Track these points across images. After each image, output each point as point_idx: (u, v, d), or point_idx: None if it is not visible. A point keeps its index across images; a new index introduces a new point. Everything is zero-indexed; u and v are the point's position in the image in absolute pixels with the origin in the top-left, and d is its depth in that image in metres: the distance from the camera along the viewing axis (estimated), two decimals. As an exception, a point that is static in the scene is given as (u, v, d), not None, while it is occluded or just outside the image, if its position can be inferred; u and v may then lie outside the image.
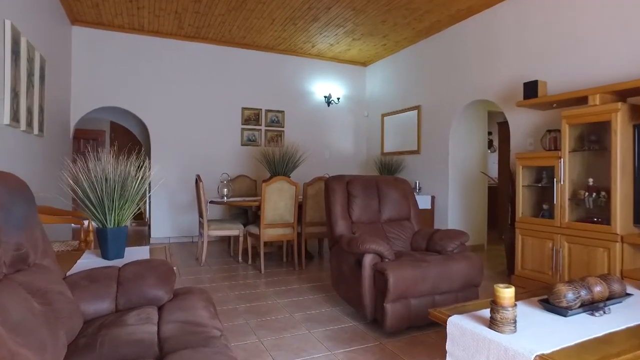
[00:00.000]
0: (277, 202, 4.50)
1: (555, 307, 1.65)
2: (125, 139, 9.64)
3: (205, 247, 4.74)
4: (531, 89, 3.98)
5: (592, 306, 1.70)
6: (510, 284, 1.52)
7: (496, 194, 6.95)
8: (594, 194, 3.38)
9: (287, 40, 6.46)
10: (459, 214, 5.73)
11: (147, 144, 6.64)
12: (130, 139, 9.26)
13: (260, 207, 4.46)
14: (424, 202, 5.70)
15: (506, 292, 1.46)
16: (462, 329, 1.61)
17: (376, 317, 2.74)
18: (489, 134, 7.57)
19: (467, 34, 5.37)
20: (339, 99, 7.50)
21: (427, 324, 2.76)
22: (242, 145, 6.84)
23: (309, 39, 6.40)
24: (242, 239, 4.89)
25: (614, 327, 1.57)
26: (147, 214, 7.60)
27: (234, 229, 4.84)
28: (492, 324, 1.50)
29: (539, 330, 1.53)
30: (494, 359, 1.44)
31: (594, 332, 1.51)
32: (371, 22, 5.62)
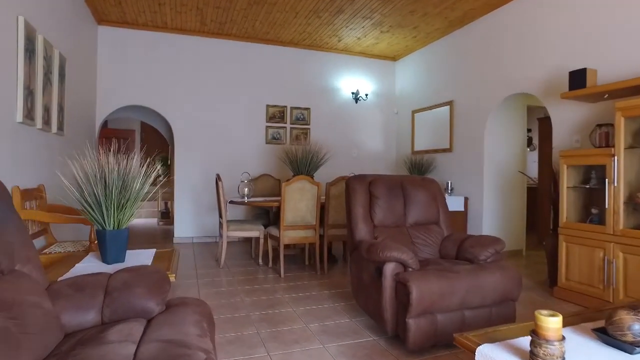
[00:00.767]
0: (298, 202, 4.28)
1: (616, 341, 1.33)
2: (154, 138, 9.73)
3: (224, 249, 4.58)
4: (578, 79, 3.56)
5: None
6: (552, 296, 1.21)
7: (536, 196, 6.45)
8: (653, 197, 2.95)
9: (312, 34, 6.23)
10: (494, 216, 5.33)
11: (172, 143, 6.59)
12: (159, 138, 9.32)
13: (280, 208, 4.25)
14: (456, 203, 5.33)
15: (551, 323, 1.16)
16: (494, 362, 1.32)
17: (398, 332, 2.46)
18: (528, 131, 7.08)
19: (505, 22, 4.96)
20: (367, 95, 7.21)
21: (456, 342, 2.45)
22: (267, 143, 6.67)
23: (334, 33, 6.14)
24: (262, 241, 4.71)
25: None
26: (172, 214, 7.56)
27: (254, 230, 4.65)
28: (534, 361, 1.20)
29: (593, 369, 1.22)
30: (535, 404, 1.15)
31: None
32: (399, 13, 5.30)
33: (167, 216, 8.26)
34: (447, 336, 2.37)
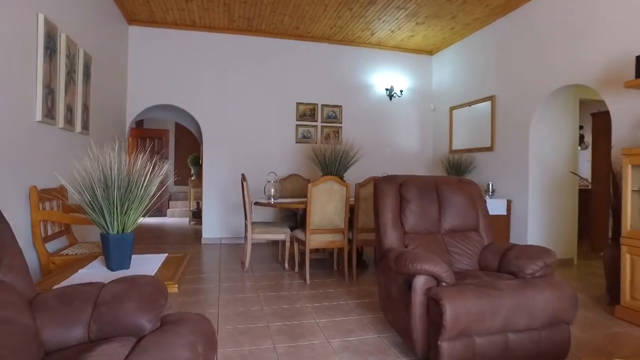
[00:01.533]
0: (326, 204, 4.04)
1: None
2: (188, 138, 9.77)
3: (249, 252, 4.40)
4: (645, 65, 3.11)
5: None
6: (614, 316, 0.89)
7: (589, 198, 5.88)
8: None
9: (343, 28, 5.96)
10: (541, 220, 4.86)
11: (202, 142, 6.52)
12: (192, 138, 9.34)
13: (306, 210, 4.02)
14: (497, 207, 4.91)
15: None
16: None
17: (429, 355, 2.16)
18: (579, 128, 6.49)
19: (554, 5, 4.49)
20: (402, 91, 6.86)
21: (498, 369, 2.12)
22: (297, 142, 6.47)
23: (367, 26, 5.85)
24: (288, 244, 4.49)
25: None
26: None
27: (280, 233, 4.45)
28: None
29: None
30: None
31: None
32: (436, 1, 4.94)
33: (199, 216, 8.23)
34: (487, 363, 2.05)
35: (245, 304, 3.35)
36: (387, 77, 6.85)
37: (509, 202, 5.03)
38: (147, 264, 2.28)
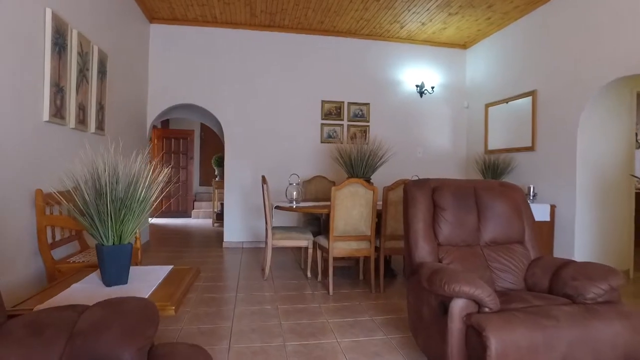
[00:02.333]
0: (350, 209, 3.73)
1: None
2: (213, 138, 9.66)
3: (269, 258, 4.16)
4: None
5: None
6: None
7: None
8: None
9: (370, 22, 5.64)
10: (590, 228, 4.38)
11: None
12: (218, 138, 9.22)
13: (330, 215, 3.73)
14: (540, 212, 4.46)
15: None
16: None
17: (469, 394, 1.83)
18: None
19: (608, -9, 4.03)
20: (433, 88, 6.46)
21: (554, 415, 1.77)
22: (322, 142, 6.19)
23: (395, 18, 5.50)
24: (311, 251, 4.22)
25: None
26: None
27: (302, 240, 4.18)
28: None
29: None
30: None
31: None
32: (472, -11, 4.55)
33: (222, 218, 8.08)
34: (541, 408, 1.70)
35: (261, 317, 3.09)
36: (417, 73, 6.47)
37: (553, 207, 4.58)
38: (148, 279, 2.05)
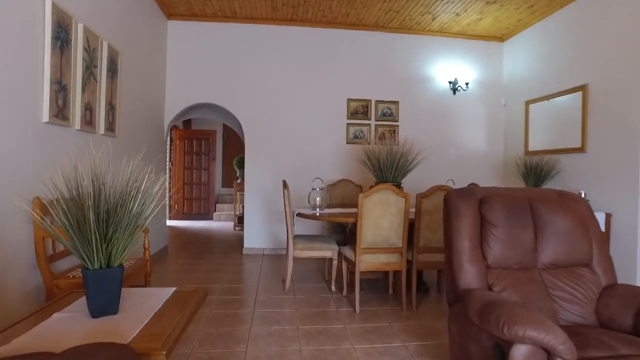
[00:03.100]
0: (379, 218, 3.36)
1: None
2: (236, 139, 9.44)
3: (290, 270, 3.83)
4: None
5: None
6: None
7: None
8: None
9: (400, 13, 5.24)
10: (652, 240, 3.86)
11: (245, 143, 6.06)
12: (241, 139, 8.99)
13: (357, 225, 3.37)
14: (595, 221, 3.95)
15: None
16: None
17: None
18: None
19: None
20: (467, 84, 5.99)
21: None
22: (348, 143, 5.82)
23: (427, 9, 5.08)
24: (336, 263, 3.86)
25: None
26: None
27: (326, 250, 3.83)
28: None
29: None
30: None
31: None
32: (516, -28, 4.09)
33: (243, 221, 7.83)
34: None
35: (280, 340, 2.76)
36: (450, 68, 6.01)
37: (609, 216, 4.07)
38: (143, 306, 1.74)
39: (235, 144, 9.70)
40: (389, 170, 4.10)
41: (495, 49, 6.15)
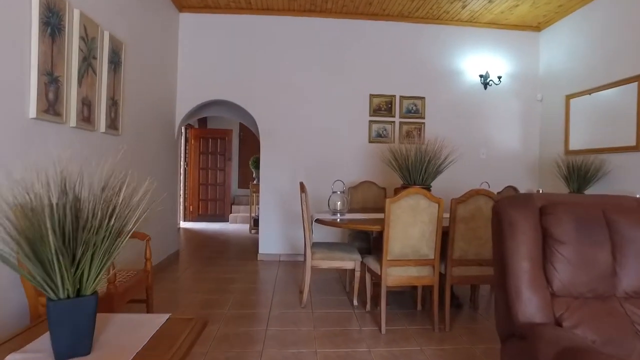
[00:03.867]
0: (409, 227, 2.97)
1: None
2: (253, 138, 9.14)
3: (307, 281, 3.47)
4: None
5: None
6: None
7: None
8: None
9: (426, 1, 4.82)
10: None
11: (260, 143, 5.73)
12: (257, 139, 8.69)
13: (383, 233, 2.98)
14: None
15: None
16: None
17: None
18: None
19: None
20: (500, 78, 5.52)
21: None
22: (370, 142, 5.43)
23: (459, -5, 4.65)
24: (358, 274, 3.48)
25: None
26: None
27: (347, 260, 3.45)
28: None
29: None
30: None
31: None
32: (562, -52, 3.63)
33: (259, 225, 7.52)
34: None
35: (295, 368, 2.40)
36: (481, 60, 5.56)
37: (670, 224, 3.56)
38: (123, 342, 1.40)
39: (251, 144, 9.41)
40: (417, 171, 3.69)
41: (530, 39, 5.66)
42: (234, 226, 8.33)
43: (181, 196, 8.37)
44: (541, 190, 5.09)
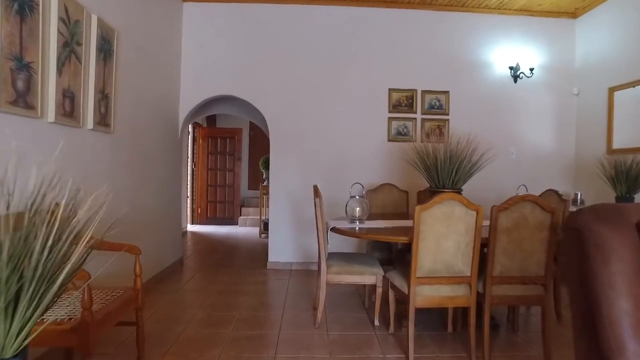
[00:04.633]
0: (442, 238, 2.52)
1: None
2: (263, 138, 8.75)
3: (322, 298, 3.04)
4: None
5: None
6: None
7: None
8: None
9: (455, -17, 4.36)
10: None
11: (270, 141, 5.32)
12: (268, 138, 8.31)
13: (411, 246, 2.54)
14: None
15: None
16: None
17: None
18: None
19: None
20: (531, 70, 5.03)
21: None
22: (389, 140, 5.00)
23: (490, -24, 4.18)
24: (380, 291, 3.05)
25: None
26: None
27: (367, 275, 3.03)
28: None
29: None
30: None
31: None
32: None
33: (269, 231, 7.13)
34: None
35: (310, 413, 1.98)
36: (511, 51, 5.07)
37: None
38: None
39: (262, 143, 9.02)
40: (447, 173, 3.24)
41: (566, 27, 5.16)
42: (244, 229, 7.95)
43: (189, 198, 8.02)
44: (580, 194, 4.58)
